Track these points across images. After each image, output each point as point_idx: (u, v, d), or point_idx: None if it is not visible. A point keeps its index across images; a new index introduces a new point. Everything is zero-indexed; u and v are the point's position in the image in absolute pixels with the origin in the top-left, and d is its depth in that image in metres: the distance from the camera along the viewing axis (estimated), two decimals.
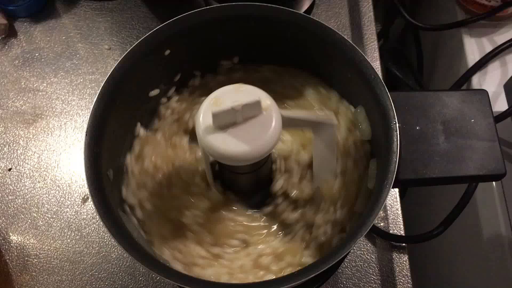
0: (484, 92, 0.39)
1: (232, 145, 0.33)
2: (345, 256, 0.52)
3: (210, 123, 0.33)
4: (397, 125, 0.35)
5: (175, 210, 0.41)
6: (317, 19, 0.40)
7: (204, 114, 0.33)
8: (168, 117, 0.44)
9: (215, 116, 0.32)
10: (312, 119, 0.39)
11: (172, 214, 0.41)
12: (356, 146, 0.41)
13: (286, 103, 0.45)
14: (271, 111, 0.34)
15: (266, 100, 0.34)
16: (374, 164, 0.39)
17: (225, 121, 0.33)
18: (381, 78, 0.37)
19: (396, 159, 0.34)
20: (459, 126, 0.38)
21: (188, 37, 0.41)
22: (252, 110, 0.33)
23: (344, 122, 0.42)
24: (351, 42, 0.38)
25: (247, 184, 0.43)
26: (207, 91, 0.45)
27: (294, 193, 0.42)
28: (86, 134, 0.35)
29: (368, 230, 0.33)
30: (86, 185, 0.35)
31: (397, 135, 0.35)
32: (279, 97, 0.42)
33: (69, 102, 0.60)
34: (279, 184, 0.42)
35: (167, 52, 0.41)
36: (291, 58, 0.44)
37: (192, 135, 0.45)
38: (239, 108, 0.32)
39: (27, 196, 0.56)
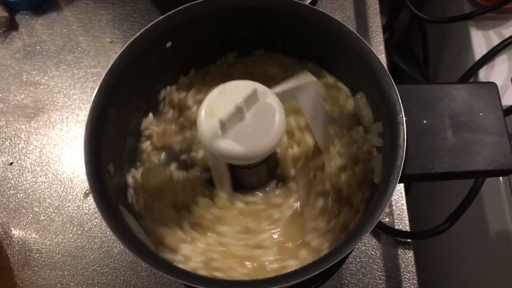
0: (492, 85, 0.38)
1: (247, 143, 0.33)
2: (350, 253, 0.51)
3: (215, 130, 0.32)
4: (404, 118, 0.35)
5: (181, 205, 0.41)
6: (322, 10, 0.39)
7: (205, 126, 0.33)
8: (169, 110, 0.44)
9: (224, 123, 0.32)
10: (296, 86, 0.39)
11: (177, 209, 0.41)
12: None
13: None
14: (267, 95, 0.34)
15: (258, 87, 0.34)
16: (380, 158, 0.38)
17: (233, 123, 0.33)
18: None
19: (403, 153, 0.33)
20: (467, 120, 0.37)
21: (189, 29, 0.40)
22: (252, 101, 0.33)
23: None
24: (357, 34, 0.37)
25: (261, 176, 0.43)
26: (208, 83, 0.44)
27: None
28: (85, 128, 0.35)
29: (373, 226, 0.32)
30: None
31: (403, 129, 0.34)
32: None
33: (71, 95, 0.60)
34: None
35: (169, 44, 0.40)
36: (295, 50, 0.43)
37: None
38: (243, 105, 0.32)
39: (29, 191, 0.55)
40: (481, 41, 0.65)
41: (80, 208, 0.54)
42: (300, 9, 0.39)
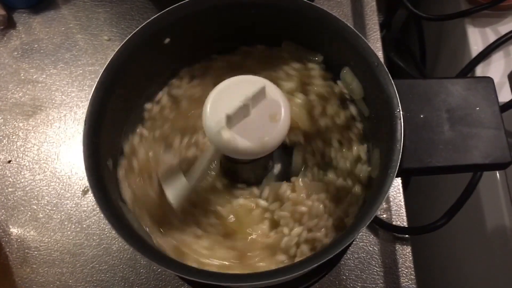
0: (489, 80, 0.39)
1: (252, 138, 0.33)
2: (347, 248, 0.51)
3: (221, 124, 0.32)
4: (401, 113, 0.35)
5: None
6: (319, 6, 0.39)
7: (211, 119, 0.33)
8: (168, 106, 0.44)
9: (231, 117, 0.32)
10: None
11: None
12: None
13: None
14: (273, 91, 0.34)
15: (267, 83, 0.34)
16: (377, 152, 0.38)
17: (239, 118, 0.33)
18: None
19: (400, 147, 0.34)
20: (464, 114, 0.38)
21: (187, 25, 0.40)
22: (259, 98, 0.33)
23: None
24: (354, 29, 0.38)
25: (258, 171, 0.43)
26: (207, 78, 0.44)
27: None
28: (84, 124, 0.35)
29: (370, 220, 0.32)
30: (86, 177, 0.34)
31: (401, 123, 0.34)
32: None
33: (69, 93, 0.60)
34: None
35: (167, 40, 0.40)
36: (292, 44, 0.43)
37: None
38: (249, 102, 0.32)
39: (27, 188, 0.55)
40: (477, 38, 0.65)
41: (79, 206, 0.54)
42: (298, 5, 0.39)
